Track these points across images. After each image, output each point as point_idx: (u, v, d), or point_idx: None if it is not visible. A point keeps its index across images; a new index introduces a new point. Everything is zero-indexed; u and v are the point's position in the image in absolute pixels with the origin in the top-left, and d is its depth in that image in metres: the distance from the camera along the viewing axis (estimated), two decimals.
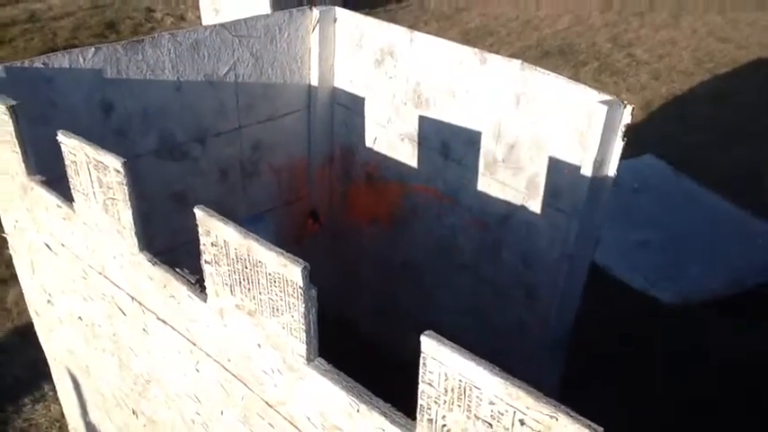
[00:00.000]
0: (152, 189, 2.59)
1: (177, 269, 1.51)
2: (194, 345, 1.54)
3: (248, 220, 2.32)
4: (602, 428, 0.82)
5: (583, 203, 2.18)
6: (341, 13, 2.78)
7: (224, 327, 1.41)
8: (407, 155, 2.76)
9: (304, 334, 1.20)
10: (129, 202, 1.53)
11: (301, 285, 1.15)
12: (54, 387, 2.84)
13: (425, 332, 1.00)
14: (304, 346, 1.22)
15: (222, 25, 2.56)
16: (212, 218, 1.28)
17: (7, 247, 2.37)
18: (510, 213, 2.47)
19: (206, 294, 1.42)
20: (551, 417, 0.85)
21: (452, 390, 0.97)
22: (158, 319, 1.62)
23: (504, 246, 2.54)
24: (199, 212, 1.31)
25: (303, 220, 3.17)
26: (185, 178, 2.68)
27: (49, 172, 1.88)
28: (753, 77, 6.73)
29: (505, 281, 2.59)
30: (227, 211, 2.05)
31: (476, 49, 2.37)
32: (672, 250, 4.11)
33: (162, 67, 2.45)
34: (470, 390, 0.95)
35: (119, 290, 1.74)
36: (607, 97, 2.05)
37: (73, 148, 1.63)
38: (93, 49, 2.28)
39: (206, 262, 1.36)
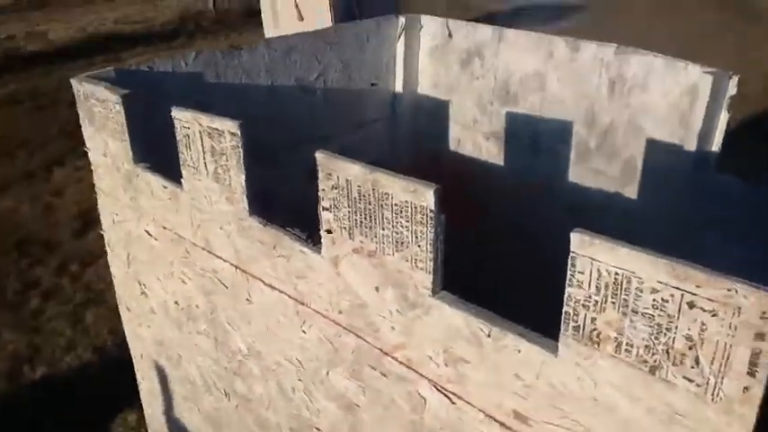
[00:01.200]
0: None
1: (288, 228, 1.52)
2: (302, 304, 1.54)
3: None
4: None
5: (685, 182, 2.11)
6: (426, 19, 2.83)
7: (338, 276, 1.41)
8: (494, 153, 2.75)
9: (432, 263, 1.18)
10: (242, 165, 1.56)
11: (432, 209, 1.14)
12: (129, 399, 2.91)
13: (575, 229, 0.97)
14: (430, 277, 1.20)
15: (314, 32, 2.65)
16: (336, 159, 1.30)
17: (86, 271, 2.46)
18: (605, 200, 2.42)
19: (320, 246, 1.42)
20: (728, 291, 0.80)
21: (606, 286, 0.94)
22: (265, 284, 1.63)
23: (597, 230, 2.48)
24: (320, 156, 1.33)
25: None
26: (273, 185, 2.73)
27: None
28: None
29: None
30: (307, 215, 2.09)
31: (569, 38, 2.37)
32: None
33: (257, 71, 2.54)
34: (628, 282, 0.91)
35: (223, 262, 1.77)
36: (711, 69, 2.01)
37: (187, 121, 1.69)
38: (194, 53, 2.39)
39: (324, 209, 1.38)
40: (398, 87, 2.94)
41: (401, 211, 1.20)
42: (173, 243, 1.98)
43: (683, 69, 2.06)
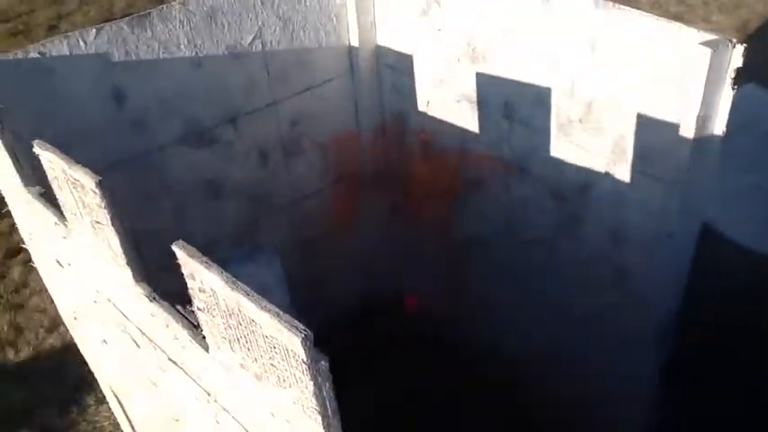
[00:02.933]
0: (182, 181, 2.32)
1: (179, 307, 1.22)
2: (208, 395, 1.27)
3: (246, 254, 1.99)
4: None
5: (685, 170, 1.76)
6: None
7: (234, 384, 1.12)
8: (466, 119, 2.38)
9: (318, 416, 0.89)
10: (113, 228, 1.24)
11: (304, 359, 0.83)
12: None
13: None
14: (321, 429, 0.91)
15: None
16: (194, 259, 0.98)
17: None
18: (591, 182, 2.08)
19: (207, 344, 1.13)
20: None
21: None
22: (169, 359, 1.35)
23: (586, 220, 2.15)
24: (178, 251, 1.01)
25: (353, 199, 2.85)
26: (219, 165, 2.40)
27: None
28: None
29: (588, 259, 2.21)
30: (266, 197, 1.69)
31: None
32: None
33: (176, 41, 2.14)
34: None
35: (127, 320, 1.49)
36: (709, 36, 1.61)
37: (50, 162, 1.35)
38: (93, 30, 2.00)
39: (198, 309, 1.07)
40: (354, 41, 2.53)
41: (274, 347, 0.90)
42: (80, 283, 1.70)
43: (677, 34, 1.66)
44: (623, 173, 1.97)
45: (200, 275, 0.99)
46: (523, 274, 2.46)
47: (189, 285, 1.05)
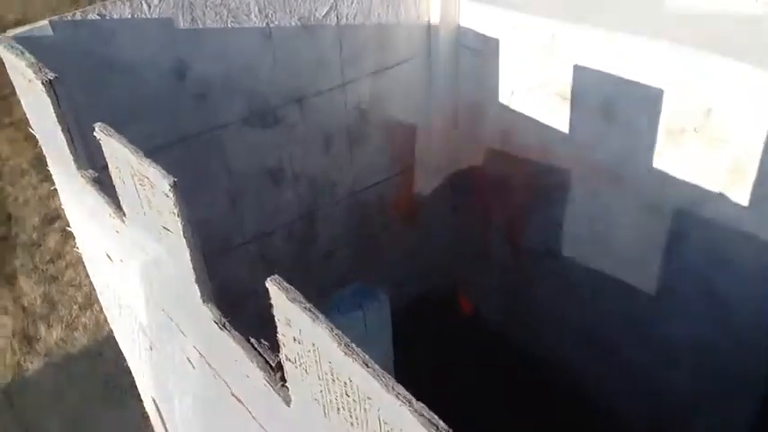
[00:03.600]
0: (242, 164, 2.14)
1: (252, 340, 1.04)
2: None
3: (352, 296, 1.70)
4: None
5: None
6: None
7: None
8: (556, 114, 2.15)
9: None
10: (185, 239, 1.06)
11: None
12: None
13: None
14: None
15: None
16: (293, 303, 0.78)
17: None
18: (699, 201, 1.85)
19: (289, 395, 0.94)
20: None
21: None
22: (232, 394, 1.17)
23: (687, 242, 1.93)
24: (272, 287, 0.82)
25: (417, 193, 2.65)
26: (281, 149, 2.21)
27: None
28: None
29: (683, 286, 1.98)
30: (327, 186, 1.49)
31: None
32: None
33: (246, 10, 1.94)
34: None
35: (185, 337, 1.31)
36: None
37: (115, 152, 1.16)
38: None
39: (287, 359, 0.88)
40: (434, 19, 2.29)
41: None
42: (131, 283, 1.53)
43: None
44: (741, 195, 1.74)
45: (299, 325, 0.80)
46: (603, 297, 2.24)
47: (280, 331, 0.86)
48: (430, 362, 2.70)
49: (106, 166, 1.23)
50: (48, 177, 1.91)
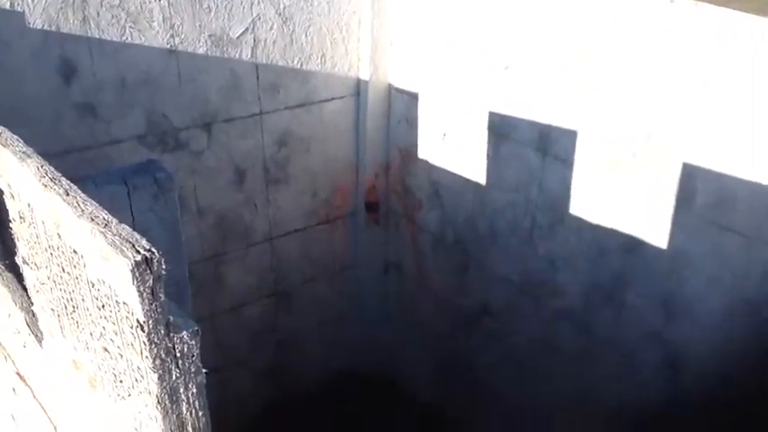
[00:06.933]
0: None
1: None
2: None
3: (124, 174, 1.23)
4: None
5: None
6: None
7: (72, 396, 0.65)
8: (489, 153, 1.97)
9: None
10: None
11: (141, 319, 0.37)
12: None
13: None
14: None
15: None
16: (6, 148, 0.53)
17: None
18: (643, 233, 1.63)
19: (41, 332, 0.66)
20: None
21: None
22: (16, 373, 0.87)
23: (632, 285, 1.69)
24: None
25: (343, 244, 2.40)
26: (184, 176, 1.97)
27: None
28: None
29: (630, 338, 1.73)
30: (238, 226, 1.28)
31: None
32: None
33: (149, 17, 1.77)
34: None
35: None
36: None
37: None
38: None
39: (23, 261, 0.61)
40: (364, 58, 2.15)
41: (103, 305, 0.43)
42: None
43: None
44: (688, 223, 1.53)
45: (9, 176, 0.54)
46: (544, 358, 1.97)
47: (10, 214, 0.60)
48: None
49: None
50: None
